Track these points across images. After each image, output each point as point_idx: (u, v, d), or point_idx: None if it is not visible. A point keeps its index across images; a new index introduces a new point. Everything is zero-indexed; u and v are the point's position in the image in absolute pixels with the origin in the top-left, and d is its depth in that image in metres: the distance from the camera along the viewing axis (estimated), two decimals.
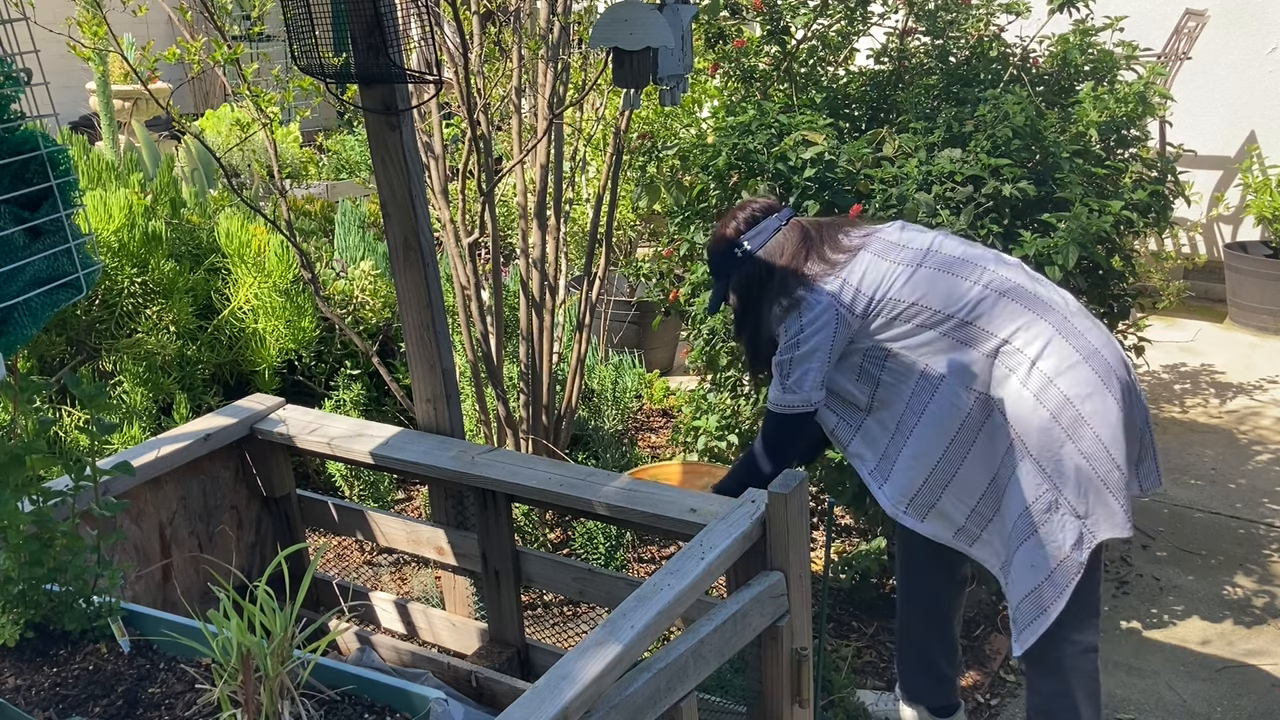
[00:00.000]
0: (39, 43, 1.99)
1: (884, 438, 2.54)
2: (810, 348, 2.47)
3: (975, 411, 2.42)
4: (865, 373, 2.52)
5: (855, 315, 2.46)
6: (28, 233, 1.92)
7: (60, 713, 1.65)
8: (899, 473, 2.52)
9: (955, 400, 2.43)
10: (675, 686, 1.86)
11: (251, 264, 4.03)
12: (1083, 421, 2.34)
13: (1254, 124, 6.04)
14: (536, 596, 3.50)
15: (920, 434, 2.47)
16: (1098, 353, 2.40)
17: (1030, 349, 2.38)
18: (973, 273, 2.46)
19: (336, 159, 6.92)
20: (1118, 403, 2.36)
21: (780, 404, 2.54)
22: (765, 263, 2.53)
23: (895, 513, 2.54)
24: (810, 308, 2.46)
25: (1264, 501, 4.12)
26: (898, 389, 2.49)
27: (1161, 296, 5.55)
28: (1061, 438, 2.34)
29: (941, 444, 2.46)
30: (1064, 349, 2.38)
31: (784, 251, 2.52)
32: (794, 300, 2.49)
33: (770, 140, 3.34)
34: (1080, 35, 3.76)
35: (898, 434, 2.51)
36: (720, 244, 2.59)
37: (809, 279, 2.49)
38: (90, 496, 1.85)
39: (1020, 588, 2.42)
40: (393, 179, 2.57)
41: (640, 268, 4.90)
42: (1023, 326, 2.40)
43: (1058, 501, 2.36)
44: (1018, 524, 2.40)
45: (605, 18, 2.40)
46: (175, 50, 3.02)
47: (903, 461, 2.51)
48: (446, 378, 2.72)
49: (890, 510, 2.55)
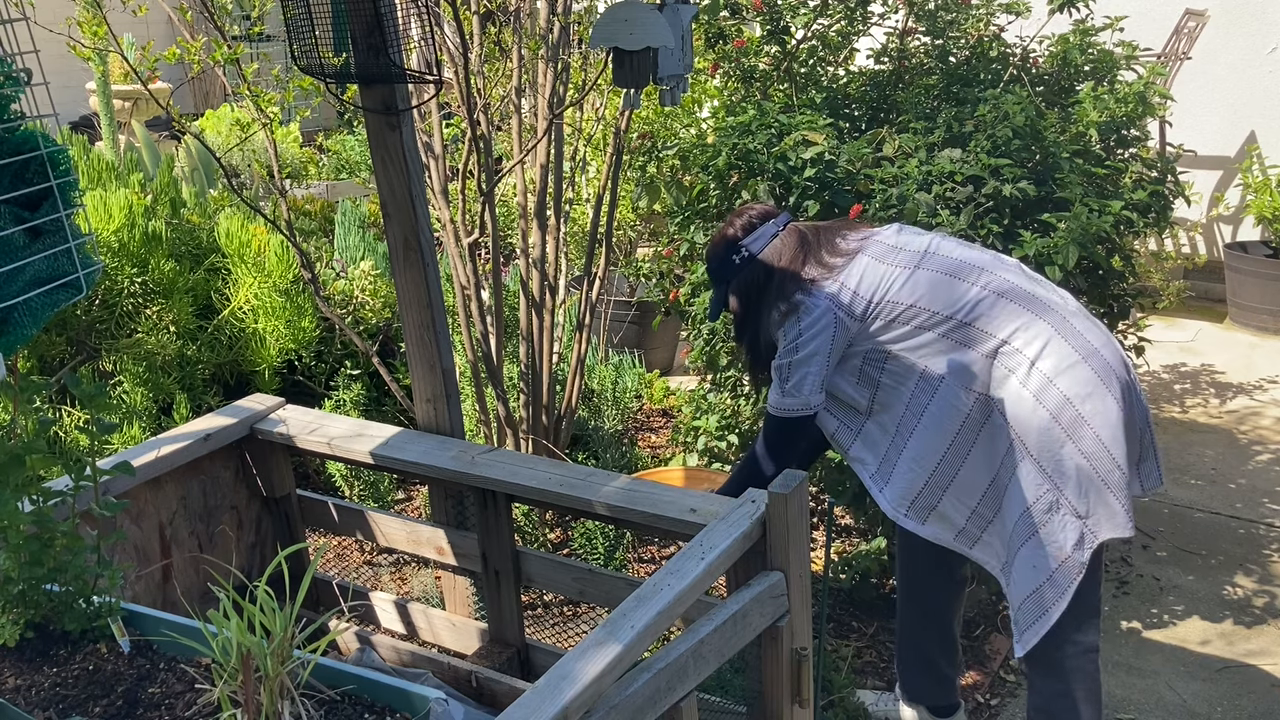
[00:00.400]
0: (39, 43, 2.00)
1: (884, 441, 2.55)
2: (809, 351, 2.47)
3: (975, 413, 2.42)
4: (865, 375, 2.52)
5: (854, 318, 2.47)
6: (28, 233, 1.92)
7: (60, 713, 1.65)
8: (899, 475, 2.52)
9: (955, 401, 2.43)
10: (675, 686, 1.86)
11: (251, 264, 4.03)
12: (1083, 421, 2.34)
13: (1254, 124, 6.04)
14: (536, 596, 3.50)
15: (920, 436, 2.47)
16: (1097, 352, 2.40)
17: (1029, 349, 2.38)
18: (971, 274, 2.46)
19: (336, 159, 6.93)
20: (1118, 402, 2.36)
21: (780, 407, 2.55)
22: (763, 267, 2.54)
23: (896, 516, 2.54)
24: (808, 312, 2.47)
25: (1264, 501, 4.12)
26: (897, 391, 2.49)
27: (1161, 296, 5.55)
28: (1061, 438, 2.34)
29: (941, 446, 2.46)
30: (1063, 349, 2.38)
31: (781, 256, 2.53)
32: (792, 304, 2.49)
33: (770, 140, 3.35)
34: (1080, 35, 3.76)
35: (898, 436, 2.51)
36: (719, 250, 2.61)
37: (807, 283, 2.50)
38: (90, 496, 1.85)
39: (1022, 589, 2.42)
40: (393, 179, 2.57)
41: (640, 268, 4.90)
42: (1021, 327, 2.40)
43: (1059, 502, 2.36)
44: (1018, 525, 2.40)
45: (605, 18, 2.40)
46: (175, 50, 3.02)
47: (903, 464, 2.51)
48: (446, 378, 2.72)
49: (891, 513, 2.55)
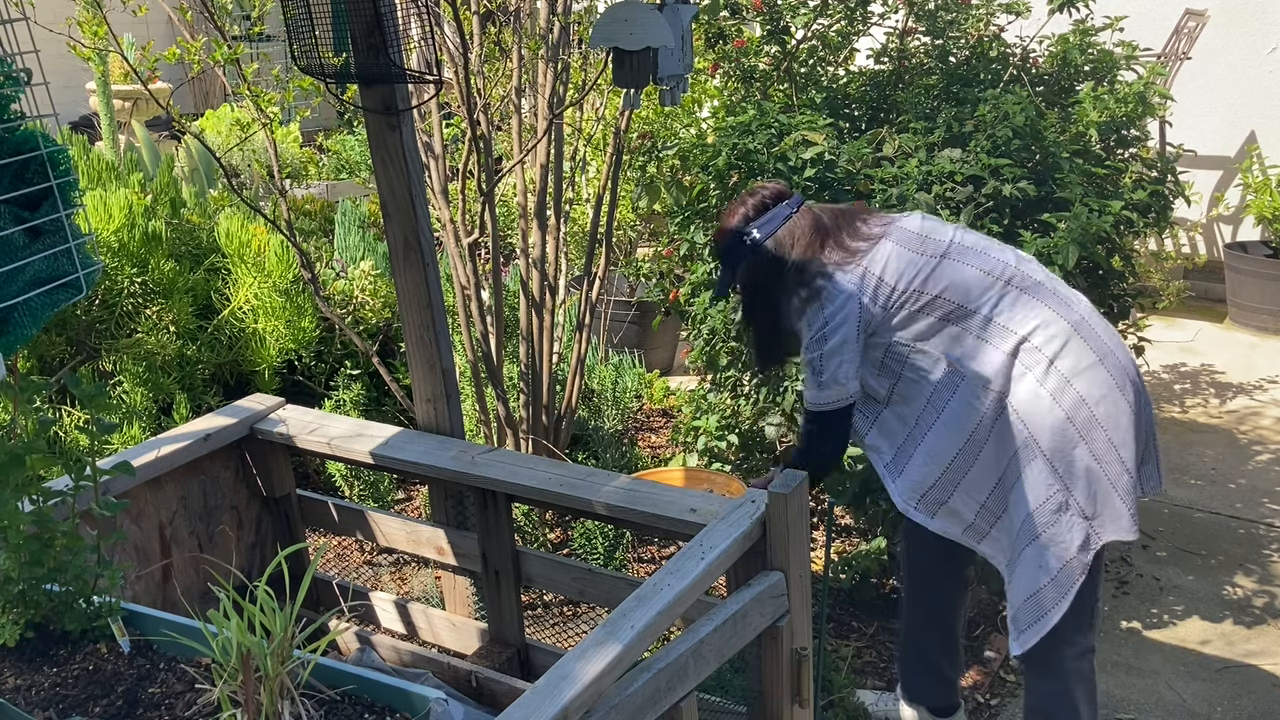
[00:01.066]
0: (39, 43, 2.00)
1: (901, 432, 2.51)
2: (838, 340, 2.41)
3: (990, 411, 2.40)
4: (886, 367, 2.48)
5: (878, 305, 2.42)
6: (28, 233, 1.92)
7: (60, 713, 1.65)
8: (913, 469, 2.50)
9: (974, 400, 2.40)
10: (675, 686, 1.86)
11: (251, 264, 4.03)
12: (1096, 423, 2.33)
13: (1254, 124, 6.04)
14: (536, 596, 3.50)
15: (938, 432, 2.45)
16: (1112, 354, 2.38)
17: (1049, 348, 2.36)
18: (995, 267, 2.43)
19: (336, 159, 6.93)
20: (1130, 406, 2.35)
21: (819, 403, 2.48)
22: (777, 250, 2.46)
23: (905, 508, 2.52)
24: (832, 299, 2.41)
25: (1264, 501, 4.12)
26: (919, 385, 2.46)
27: (1161, 296, 5.55)
28: (1075, 438, 2.33)
29: (957, 443, 2.44)
30: (1081, 349, 2.36)
31: (797, 240, 2.45)
32: (814, 290, 2.43)
33: (770, 140, 3.35)
34: (1080, 35, 3.76)
35: (915, 430, 2.49)
36: (728, 231, 2.52)
37: (828, 268, 2.42)
38: (90, 496, 1.85)
39: (1024, 588, 2.41)
40: (393, 179, 2.57)
41: (640, 268, 4.90)
42: (1042, 325, 2.38)
43: (1068, 502, 2.35)
44: (1026, 523, 2.39)
45: (605, 18, 2.40)
46: (175, 50, 3.02)
47: (918, 458, 2.49)
48: (446, 378, 2.72)
49: (901, 505, 2.53)
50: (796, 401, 3.28)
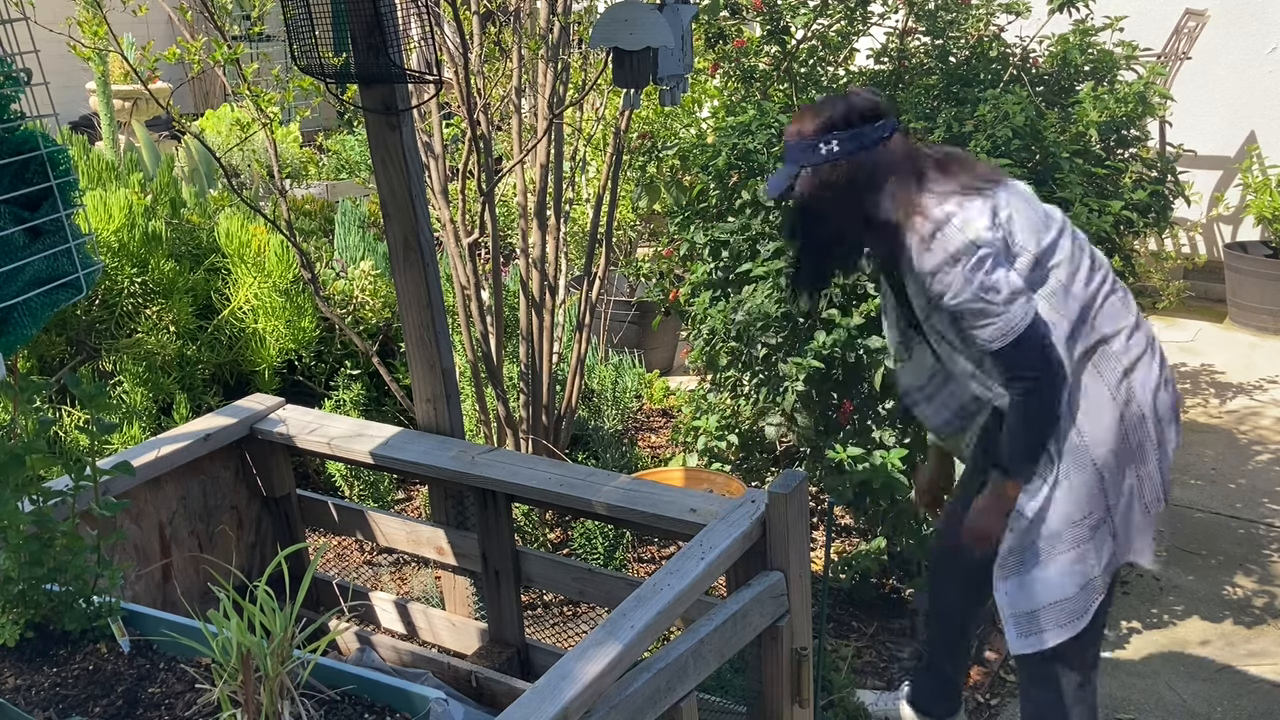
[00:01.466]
0: (39, 43, 2.00)
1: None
2: (983, 254, 2.11)
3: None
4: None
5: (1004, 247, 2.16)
6: (28, 233, 1.92)
7: (60, 713, 1.65)
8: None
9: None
10: (675, 686, 1.86)
11: (251, 264, 4.03)
12: (1151, 445, 2.28)
13: (1254, 124, 6.04)
14: (536, 596, 3.50)
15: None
16: (1171, 379, 2.32)
17: (1126, 357, 2.25)
18: (1094, 259, 2.26)
19: (336, 159, 6.93)
20: (1177, 434, 2.33)
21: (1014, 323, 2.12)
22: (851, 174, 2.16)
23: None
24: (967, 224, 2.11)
25: (1264, 501, 4.12)
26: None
27: (1161, 296, 5.55)
28: (1129, 457, 2.26)
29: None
30: (1152, 367, 2.27)
31: (896, 162, 2.17)
32: (933, 219, 2.12)
33: (770, 140, 3.35)
34: (1080, 35, 3.77)
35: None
36: (807, 131, 2.19)
37: (948, 196, 2.14)
38: (90, 496, 1.85)
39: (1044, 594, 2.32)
40: (393, 179, 2.57)
41: (640, 268, 4.90)
42: (1127, 329, 2.25)
43: (1105, 519, 2.29)
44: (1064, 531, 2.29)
45: (605, 18, 2.40)
46: (175, 50, 3.02)
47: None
48: (446, 378, 2.72)
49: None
50: (797, 401, 3.28)
